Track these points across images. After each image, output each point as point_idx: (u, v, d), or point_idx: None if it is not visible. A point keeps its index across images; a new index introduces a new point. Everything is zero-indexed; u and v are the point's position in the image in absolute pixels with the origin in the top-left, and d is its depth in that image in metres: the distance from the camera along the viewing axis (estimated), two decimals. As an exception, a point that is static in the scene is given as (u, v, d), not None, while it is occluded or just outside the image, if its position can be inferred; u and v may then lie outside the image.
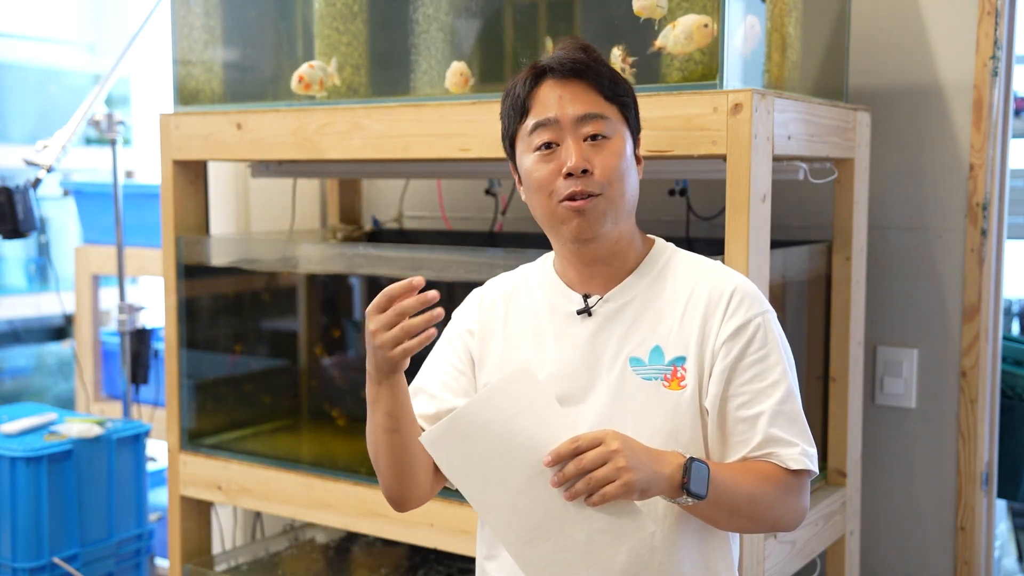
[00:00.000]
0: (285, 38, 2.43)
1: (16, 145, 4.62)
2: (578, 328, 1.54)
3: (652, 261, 1.57)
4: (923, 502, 2.36)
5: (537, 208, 1.52)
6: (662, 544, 1.48)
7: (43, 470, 2.56)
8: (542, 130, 1.49)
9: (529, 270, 1.66)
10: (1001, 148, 2.24)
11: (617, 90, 1.52)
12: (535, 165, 1.50)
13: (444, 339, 1.66)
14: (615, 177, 1.48)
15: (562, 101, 1.49)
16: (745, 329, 1.49)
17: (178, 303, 2.47)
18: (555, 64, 1.50)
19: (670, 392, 1.49)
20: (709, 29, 1.78)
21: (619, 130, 1.51)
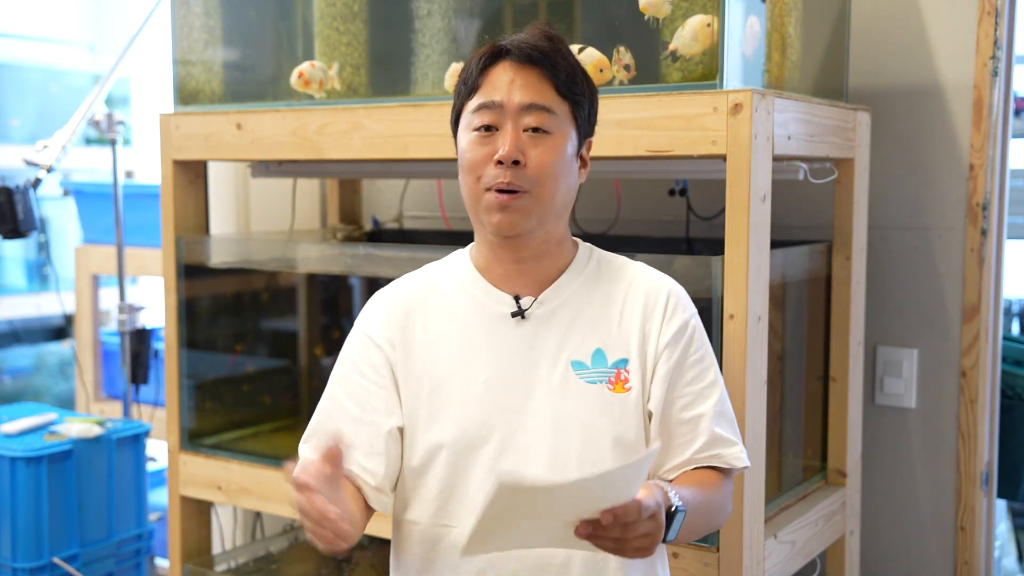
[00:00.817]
0: (285, 38, 2.43)
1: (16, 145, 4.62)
2: (512, 331, 1.49)
3: (581, 261, 1.55)
4: (923, 502, 2.36)
5: (465, 191, 1.49)
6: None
7: (43, 470, 2.55)
8: (484, 111, 1.45)
9: (442, 268, 1.59)
10: (1001, 148, 2.24)
11: (573, 87, 1.47)
12: (470, 146, 1.46)
13: (354, 354, 1.55)
14: (547, 176, 1.44)
15: (512, 86, 1.44)
16: (684, 331, 1.51)
17: (178, 303, 2.47)
18: (513, 47, 1.46)
19: (616, 395, 1.47)
20: (712, 28, 1.78)
21: (564, 128, 1.46)
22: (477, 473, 1.47)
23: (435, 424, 1.49)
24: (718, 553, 1.78)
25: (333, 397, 1.55)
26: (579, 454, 1.46)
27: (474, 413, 1.47)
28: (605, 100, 1.82)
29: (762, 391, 1.80)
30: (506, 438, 1.46)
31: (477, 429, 1.47)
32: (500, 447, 1.46)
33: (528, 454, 1.45)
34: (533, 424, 1.46)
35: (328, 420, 1.53)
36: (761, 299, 1.78)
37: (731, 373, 1.74)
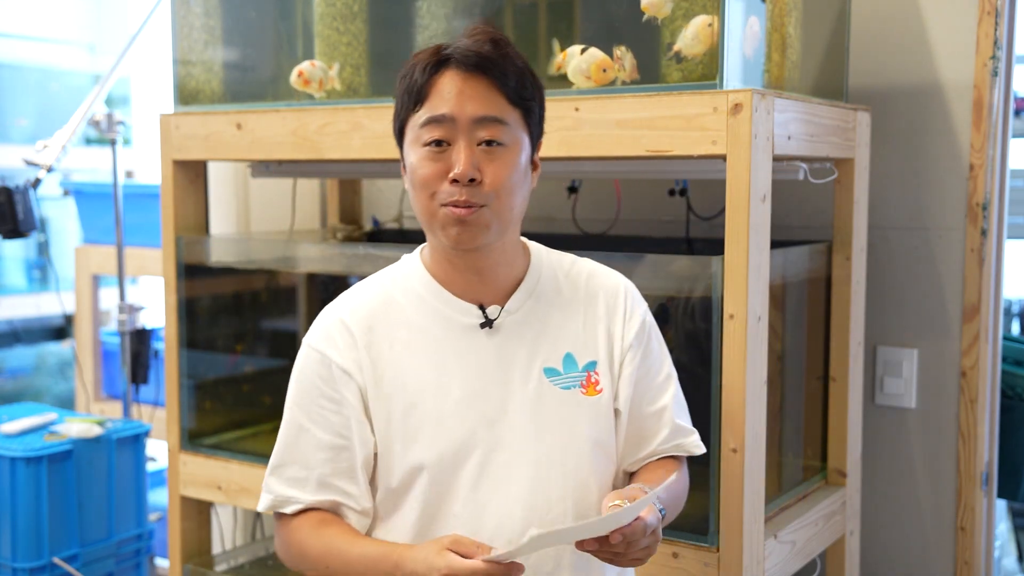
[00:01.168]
0: (285, 38, 2.43)
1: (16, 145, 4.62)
2: (481, 342, 1.46)
3: (537, 265, 1.53)
4: (923, 502, 2.36)
5: (417, 206, 1.44)
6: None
7: (43, 470, 2.55)
8: (434, 126, 1.39)
9: (395, 279, 1.53)
10: (1001, 148, 2.24)
11: (523, 92, 1.43)
12: (421, 162, 1.40)
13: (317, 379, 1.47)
14: (504, 190, 1.40)
15: (461, 98, 1.38)
16: (644, 328, 1.53)
17: (178, 303, 2.47)
18: (458, 54, 1.40)
19: (589, 398, 1.48)
20: (712, 28, 1.78)
21: (517, 137, 1.42)
22: (460, 490, 1.44)
23: (413, 445, 1.44)
24: (718, 553, 1.78)
25: (299, 426, 1.47)
26: (562, 461, 1.46)
27: (453, 431, 1.44)
28: (605, 100, 1.82)
29: (762, 391, 1.80)
30: (487, 453, 1.44)
31: (458, 448, 1.43)
32: (482, 462, 1.44)
33: (510, 467, 1.44)
34: (512, 436, 1.45)
35: (296, 450, 1.47)
36: (761, 299, 1.78)
37: (731, 373, 1.74)
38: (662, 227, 2.51)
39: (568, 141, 1.86)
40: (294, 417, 1.49)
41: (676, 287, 1.89)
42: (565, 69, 1.90)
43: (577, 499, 1.46)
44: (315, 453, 1.46)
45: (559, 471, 1.46)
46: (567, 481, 1.46)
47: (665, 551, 1.84)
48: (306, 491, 1.46)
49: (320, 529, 1.45)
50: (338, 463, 1.45)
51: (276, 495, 1.49)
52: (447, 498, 1.44)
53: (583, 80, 1.87)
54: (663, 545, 1.83)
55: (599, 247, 2.17)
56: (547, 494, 1.45)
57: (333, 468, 1.45)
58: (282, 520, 1.50)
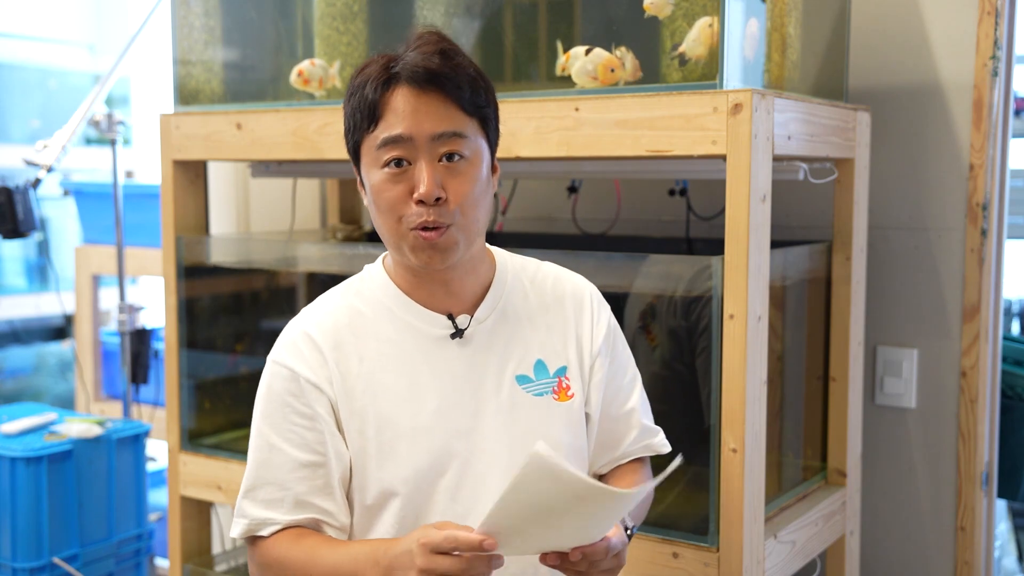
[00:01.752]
0: (285, 38, 2.43)
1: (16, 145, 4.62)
2: (452, 353, 1.44)
3: (502, 272, 1.52)
4: (923, 502, 2.36)
5: (384, 229, 1.41)
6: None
7: (43, 470, 2.55)
8: (392, 146, 1.36)
9: (359, 291, 1.50)
10: (1001, 148, 2.24)
11: (477, 100, 1.40)
12: (383, 184, 1.37)
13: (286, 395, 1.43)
14: (468, 205, 1.38)
15: (417, 116, 1.35)
16: (610, 332, 1.54)
17: (178, 303, 2.47)
18: (406, 72, 1.36)
19: (562, 404, 1.47)
20: (712, 29, 1.79)
21: (476, 147, 1.40)
22: (438, 503, 1.42)
23: (387, 461, 1.42)
24: (718, 553, 1.78)
25: (271, 446, 1.43)
26: None
27: (429, 445, 1.42)
28: (605, 100, 1.82)
29: (762, 391, 1.80)
30: (463, 465, 1.42)
31: (433, 462, 1.41)
32: (458, 475, 1.42)
33: (486, 478, 1.43)
34: (487, 446, 1.43)
35: (269, 469, 1.42)
36: (761, 299, 1.78)
37: (731, 373, 1.74)
38: (662, 227, 2.51)
39: (568, 141, 1.86)
40: (264, 436, 1.44)
41: (676, 287, 1.89)
42: (569, 71, 1.90)
43: None
44: (290, 472, 1.41)
45: None
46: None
47: (665, 551, 1.84)
48: (282, 511, 1.42)
49: (299, 541, 1.41)
50: (314, 480, 1.42)
51: (251, 518, 1.43)
52: (425, 511, 1.42)
53: (589, 81, 1.87)
54: (663, 545, 1.84)
55: (599, 247, 2.17)
56: None
57: (309, 486, 1.42)
58: (256, 543, 1.44)
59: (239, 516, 1.45)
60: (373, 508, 1.44)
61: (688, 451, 1.70)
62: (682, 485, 1.98)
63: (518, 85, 2.10)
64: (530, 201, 2.66)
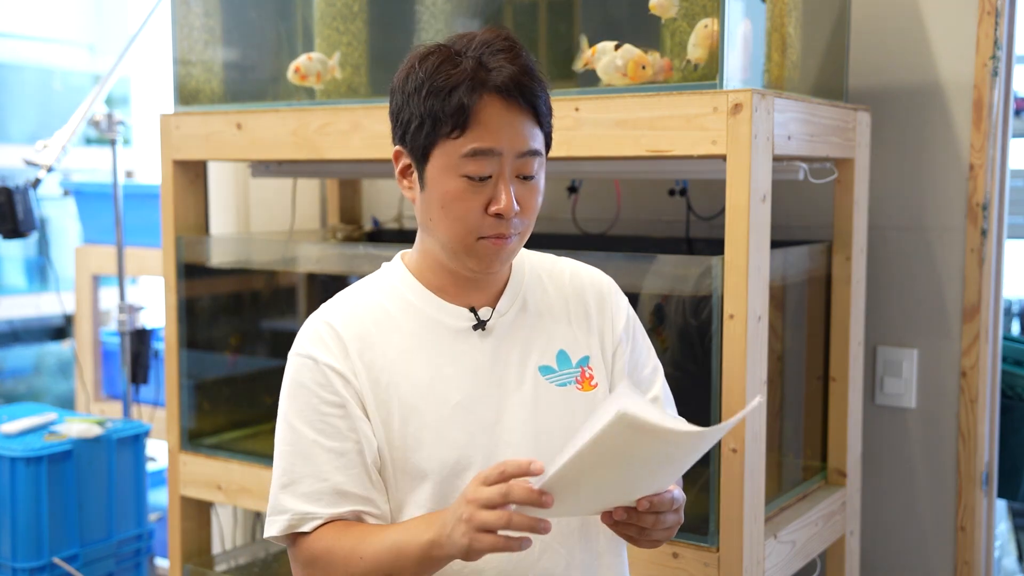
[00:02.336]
0: (285, 38, 2.43)
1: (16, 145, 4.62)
2: (475, 345, 1.45)
3: (520, 266, 1.53)
4: (923, 502, 2.36)
5: (448, 234, 1.40)
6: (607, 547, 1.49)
7: (43, 470, 2.55)
8: (482, 159, 1.35)
9: (381, 286, 1.50)
10: (1001, 148, 2.24)
11: (550, 117, 1.42)
12: (461, 192, 1.36)
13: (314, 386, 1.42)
14: (532, 215, 1.42)
15: (509, 130, 1.35)
16: (631, 320, 1.56)
17: (178, 303, 2.47)
18: (503, 82, 1.34)
19: (585, 394, 1.48)
20: (708, 29, 1.78)
21: (543, 162, 1.42)
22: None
23: (414, 453, 1.41)
24: (718, 553, 1.78)
25: (304, 438, 1.41)
26: None
27: (455, 437, 1.41)
28: (605, 100, 1.82)
29: (762, 391, 1.80)
30: (488, 456, 1.42)
31: (460, 453, 1.41)
32: (484, 466, 1.39)
33: None
34: (512, 437, 1.43)
35: (306, 461, 1.41)
36: (761, 299, 1.78)
37: (731, 373, 1.74)
38: (662, 227, 2.51)
39: (568, 141, 1.86)
40: (296, 430, 1.42)
41: (676, 287, 1.89)
42: (593, 66, 1.87)
43: None
44: (327, 463, 1.40)
45: None
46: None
47: (665, 551, 1.84)
48: (324, 504, 1.40)
49: (346, 530, 1.39)
50: (351, 469, 1.40)
51: (293, 513, 1.40)
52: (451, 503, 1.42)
53: (618, 78, 1.84)
54: (663, 545, 1.84)
55: (599, 247, 2.17)
56: None
57: (347, 475, 1.40)
58: (298, 541, 1.42)
59: (277, 513, 1.42)
60: (400, 499, 1.43)
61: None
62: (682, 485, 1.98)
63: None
64: (530, 201, 2.65)
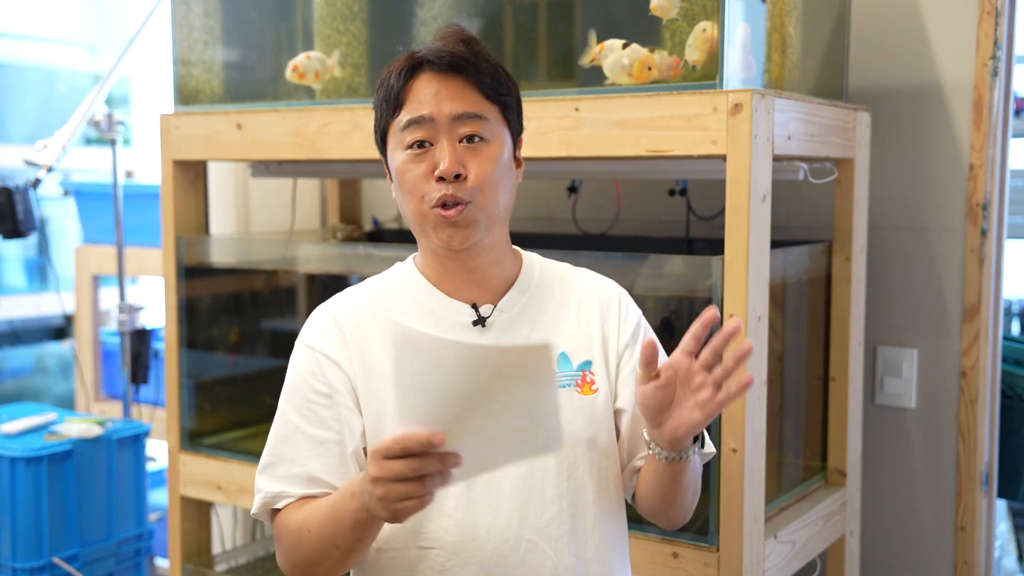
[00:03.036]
0: (285, 38, 2.43)
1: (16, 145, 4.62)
2: (474, 341, 1.45)
3: (529, 269, 1.54)
4: (923, 502, 2.36)
5: (408, 211, 1.45)
6: (595, 555, 1.48)
7: (43, 470, 2.55)
8: (415, 127, 1.41)
9: (388, 282, 1.53)
10: (1001, 148, 2.24)
11: (499, 89, 1.45)
12: (406, 164, 1.42)
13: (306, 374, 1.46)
14: (488, 183, 1.41)
15: (439, 97, 1.40)
16: (639, 329, 1.54)
17: (178, 303, 2.47)
18: (433, 56, 1.41)
19: (584, 397, 1.48)
20: (707, 33, 1.78)
21: (498, 132, 1.44)
22: (452, 490, 1.42)
23: None
24: (718, 553, 1.78)
25: (288, 421, 1.47)
26: (556, 460, 1.45)
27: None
28: (605, 100, 1.82)
29: (762, 391, 1.80)
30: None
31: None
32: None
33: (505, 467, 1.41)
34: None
35: (287, 445, 1.46)
36: (761, 299, 1.78)
37: (731, 373, 1.74)
38: (662, 227, 2.51)
39: (568, 141, 1.86)
40: (284, 414, 1.48)
41: (676, 287, 1.89)
42: (600, 62, 1.86)
43: (573, 499, 1.46)
44: (306, 449, 1.45)
45: (553, 470, 1.45)
46: (562, 480, 1.45)
47: (665, 551, 1.84)
48: (296, 486, 1.45)
49: (303, 505, 1.43)
50: (328, 458, 1.44)
51: (266, 492, 1.47)
52: (438, 497, 1.40)
53: (624, 77, 1.83)
54: (663, 545, 1.84)
55: (599, 247, 2.17)
56: (541, 493, 1.44)
57: (324, 464, 1.44)
58: (273, 519, 1.48)
59: (256, 491, 1.48)
60: None
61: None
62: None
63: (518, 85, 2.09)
64: (530, 201, 2.66)
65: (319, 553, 1.38)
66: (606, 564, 1.49)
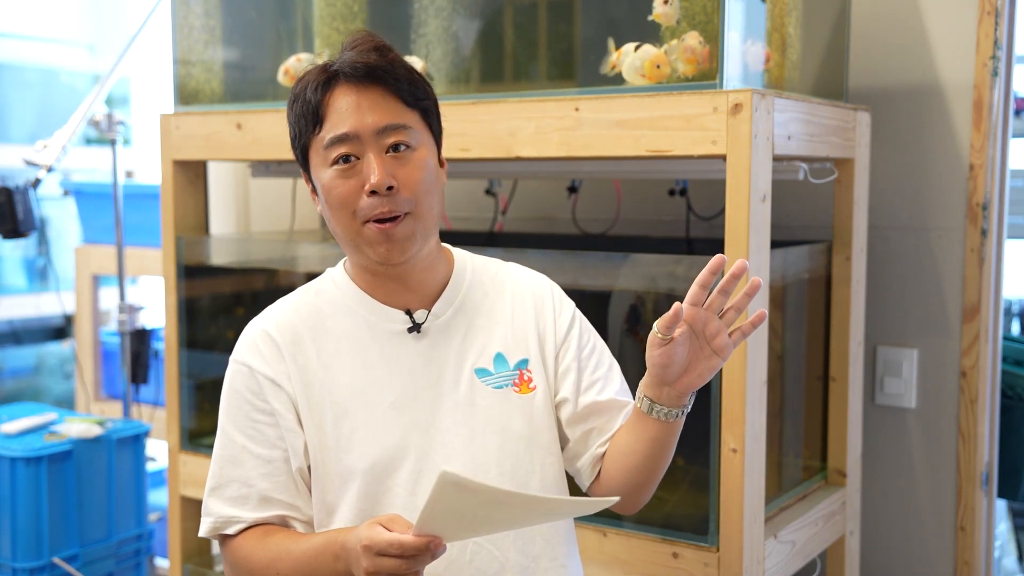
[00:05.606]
0: (285, 38, 2.43)
1: (16, 145, 4.62)
2: (409, 347, 1.46)
3: (461, 270, 1.53)
4: (923, 502, 2.36)
5: (338, 227, 1.42)
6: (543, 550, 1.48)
7: (43, 470, 2.56)
8: (339, 144, 1.39)
9: (318, 292, 1.52)
10: (1001, 148, 2.24)
11: (417, 93, 1.43)
12: (334, 181, 1.40)
13: (246, 393, 1.46)
14: (421, 191, 1.40)
15: (360, 111, 1.38)
16: (574, 323, 1.54)
17: (178, 303, 2.47)
18: (348, 68, 1.39)
19: (523, 396, 1.48)
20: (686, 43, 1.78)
21: (422, 139, 1.43)
22: (396, 497, 1.43)
23: (345, 453, 1.43)
24: (718, 553, 1.78)
25: (235, 444, 1.46)
26: (498, 461, 1.45)
27: (386, 438, 1.43)
28: (605, 100, 1.82)
29: (762, 391, 1.80)
30: (421, 458, 1.43)
31: (392, 454, 1.43)
32: (416, 468, 1.43)
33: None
34: (446, 439, 1.44)
35: (234, 468, 1.45)
36: (761, 299, 1.78)
37: (731, 373, 1.74)
38: (662, 227, 2.51)
39: (568, 141, 1.86)
40: (228, 434, 1.47)
41: (677, 287, 1.89)
42: (620, 68, 1.87)
43: None
44: (253, 469, 1.44)
45: (495, 471, 1.45)
46: (505, 480, 1.45)
47: (665, 551, 1.84)
48: (247, 509, 1.44)
49: (265, 539, 1.42)
50: (277, 477, 1.44)
51: (217, 516, 1.45)
52: (382, 504, 1.43)
53: (638, 78, 1.84)
54: (663, 545, 1.84)
55: (599, 247, 2.17)
56: None
57: (273, 483, 1.44)
58: (226, 542, 1.46)
59: (205, 514, 1.46)
60: (332, 501, 1.44)
61: (689, 452, 1.70)
62: (682, 485, 1.98)
63: (518, 85, 2.10)
64: (530, 201, 2.65)
65: None
66: (556, 558, 1.49)
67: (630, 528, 1.90)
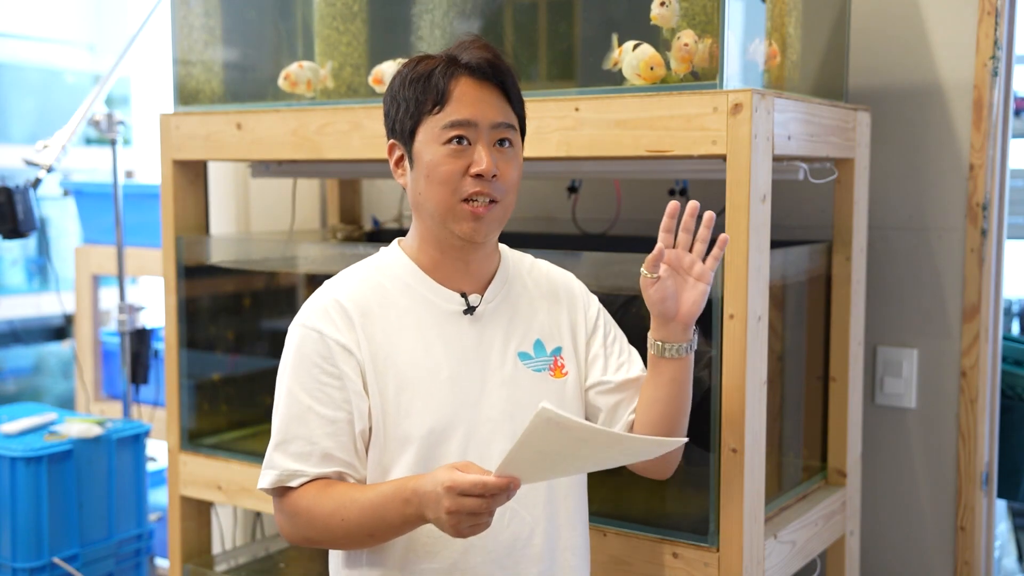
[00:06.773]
0: (285, 38, 2.43)
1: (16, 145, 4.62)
2: (464, 327, 1.58)
3: (507, 261, 1.67)
4: (923, 502, 2.36)
5: (431, 200, 1.53)
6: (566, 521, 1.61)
7: (43, 470, 2.56)
8: (457, 127, 1.51)
9: (381, 267, 1.61)
10: (1001, 148, 2.24)
11: (520, 102, 1.58)
12: (443, 158, 1.51)
13: (315, 356, 1.53)
14: (512, 186, 1.55)
15: (481, 104, 1.52)
16: (600, 315, 1.71)
17: (178, 303, 2.47)
18: (475, 63, 1.52)
19: (556, 380, 1.63)
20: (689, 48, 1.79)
21: (518, 140, 1.58)
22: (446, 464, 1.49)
23: (404, 419, 1.54)
24: (718, 553, 1.78)
25: (301, 404, 1.53)
26: None
27: (441, 408, 1.54)
28: (605, 100, 1.82)
29: (762, 391, 1.80)
30: (470, 430, 1.55)
31: (445, 424, 1.54)
32: (466, 438, 1.55)
33: (490, 443, 1.55)
34: (491, 414, 1.56)
35: (300, 426, 1.53)
36: (761, 299, 1.78)
37: (731, 373, 1.74)
38: (662, 227, 2.50)
39: (568, 141, 1.86)
40: (294, 395, 1.54)
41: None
42: (621, 65, 1.88)
43: None
44: (318, 428, 1.52)
45: None
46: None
47: (665, 551, 1.84)
48: (311, 464, 1.52)
49: (327, 490, 1.51)
50: (340, 436, 1.53)
51: (282, 470, 1.53)
52: (433, 469, 1.50)
53: (635, 78, 1.84)
54: (663, 545, 1.84)
55: (599, 247, 2.17)
56: None
57: (336, 442, 1.52)
58: (285, 494, 1.54)
59: (268, 468, 1.54)
60: (387, 463, 1.54)
61: (689, 452, 1.70)
62: (682, 485, 1.98)
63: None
64: (530, 201, 2.66)
65: (348, 537, 1.50)
66: (575, 528, 1.63)
67: (630, 528, 1.90)
